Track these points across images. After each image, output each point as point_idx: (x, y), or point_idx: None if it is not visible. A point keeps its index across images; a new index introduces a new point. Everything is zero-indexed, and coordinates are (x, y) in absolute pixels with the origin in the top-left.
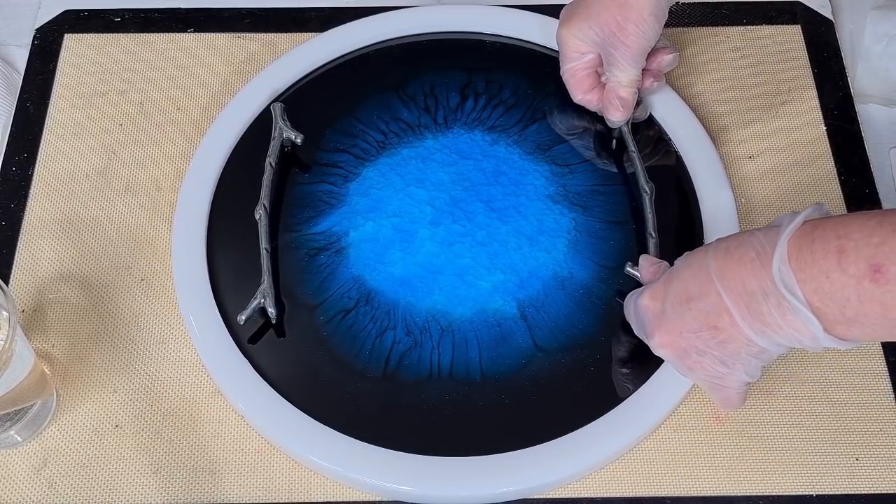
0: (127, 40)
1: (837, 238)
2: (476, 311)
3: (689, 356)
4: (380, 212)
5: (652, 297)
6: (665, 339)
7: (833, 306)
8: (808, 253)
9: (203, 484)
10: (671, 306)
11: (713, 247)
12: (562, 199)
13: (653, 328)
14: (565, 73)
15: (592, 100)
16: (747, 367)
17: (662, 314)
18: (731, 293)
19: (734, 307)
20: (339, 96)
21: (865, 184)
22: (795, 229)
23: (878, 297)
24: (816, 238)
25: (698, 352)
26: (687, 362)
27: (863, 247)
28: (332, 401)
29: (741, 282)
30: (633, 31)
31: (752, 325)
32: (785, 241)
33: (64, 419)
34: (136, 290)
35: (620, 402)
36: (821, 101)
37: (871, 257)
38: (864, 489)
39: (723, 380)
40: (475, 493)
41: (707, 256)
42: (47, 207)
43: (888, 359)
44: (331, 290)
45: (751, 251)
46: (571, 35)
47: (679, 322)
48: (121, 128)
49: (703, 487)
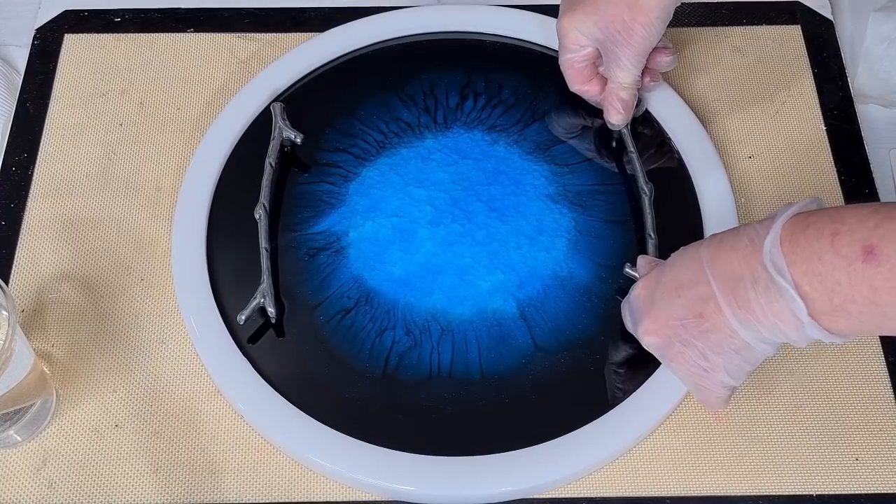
0: (127, 40)
1: (832, 223)
2: (476, 310)
3: (672, 345)
4: (379, 212)
5: (644, 286)
6: (651, 326)
7: (822, 290)
8: (801, 237)
9: (203, 484)
10: (660, 294)
11: (707, 238)
12: (561, 199)
13: (642, 316)
14: (563, 63)
15: (590, 90)
16: (728, 366)
17: (651, 302)
18: (720, 280)
19: (721, 293)
20: (339, 96)
21: (865, 184)
22: (790, 217)
23: (869, 280)
24: (811, 224)
25: (682, 341)
26: (670, 352)
27: (857, 230)
28: (331, 401)
29: (730, 268)
30: (640, 31)
31: (736, 314)
32: (779, 226)
33: (63, 419)
34: (136, 290)
35: (620, 401)
36: (821, 101)
37: (864, 239)
38: (864, 489)
39: (703, 378)
40: (475, 493)
41: (701, 247)
42: (47, 207)
43: (888, 359)
44: (330, 290)
45: (744, 238)
46: (573, 27)
47: (666, 310)
48: (121, 128)
49: (703, 487)
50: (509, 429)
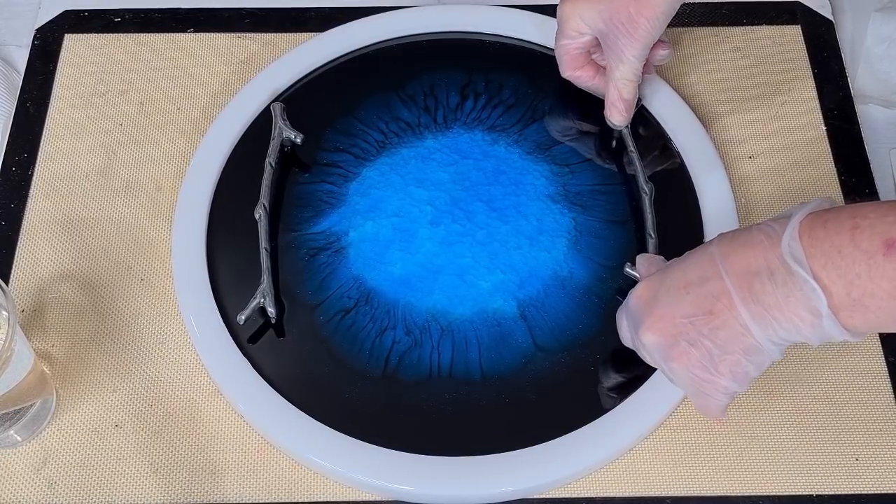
0: (127, 40)
1: (852, 217)
2: (476, 310)
3: (677, 344)
4: (380, 211)
5: (647, 286)
6: (655, 323)
7: (840, 284)
8: (820, 230)
9: (203, 484)
10: (666, 292)
11: (716, 238)
12: (562, 199)
13: (643, 315)
14: (559, 48)
15: (581, 76)
16: (735, 369)
17: (655, 300)
18: (734, 275)
19: (735, 288)
20: (339, 96)
21: (865, 184)
22: (808, 213)
23: (889, 273)
24: (830, 219)
25: (689, 340)
26: (673, 351)
27: (878, 224)
28: (332, 401)
29: (746, 263)
30: (644, 25)
31: (750, 309)
32: (797, 221)
33: (64, 419)
34: (136, 290)
35: (621, 401)
36: (821, 101)
37: (885, 233)
38: (864, 489)
39: (705, 383)
40: (475, 493)
41: (710, 245)
42: (47, 207)
43: (888, 359)
44: (330, 290)
45: (759, 235)
46: (576, 14)
47: (673, 307)
48: (121, 128)
49: (703, 487)
50: (509, 429)
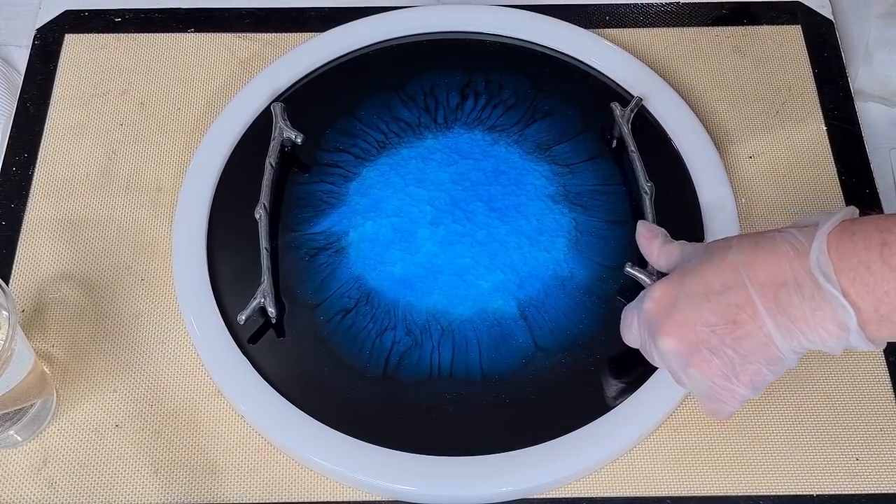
0: (127, 40)
1: (879, 231)
2: (476, 310)
3: (699, 352)
4: (380, 211)
5: (665, 290)
6: (676, 330)
7: (869, 300)
8: (848, 244)
9: (203, 484)
10: (686, 298)
11: (736, 242)
12: (562, 199)
13: (662, 320)
14: None
15: None
16: (755, 377)
17: (674, 306)
18: (759, 285)
19: (760, 299)
20: (339, 96)
21: (865, 184)
22: (834, 225)
23: None
24: (857, 232)
25: (711, 349)
26: (694, 359)
27: None
28: (332, 401)
29: (772, 273)
30: None
31: (776, 319)
32: (825, 233)
33: (64, 419)
34: (136, 290)
35: (621, 401)
36: (821, 101)
37: None
38: (864, 489)
39: (723, 391)
40: (475, 493)
41: (730, 252)
42: (47, 207)
43: (888, 359)
44: (331, 290)
45: (784, 244)
46: None
47: (694, 314)
48: (121, 128)
49: (703, 487)
50: (509, 429)
